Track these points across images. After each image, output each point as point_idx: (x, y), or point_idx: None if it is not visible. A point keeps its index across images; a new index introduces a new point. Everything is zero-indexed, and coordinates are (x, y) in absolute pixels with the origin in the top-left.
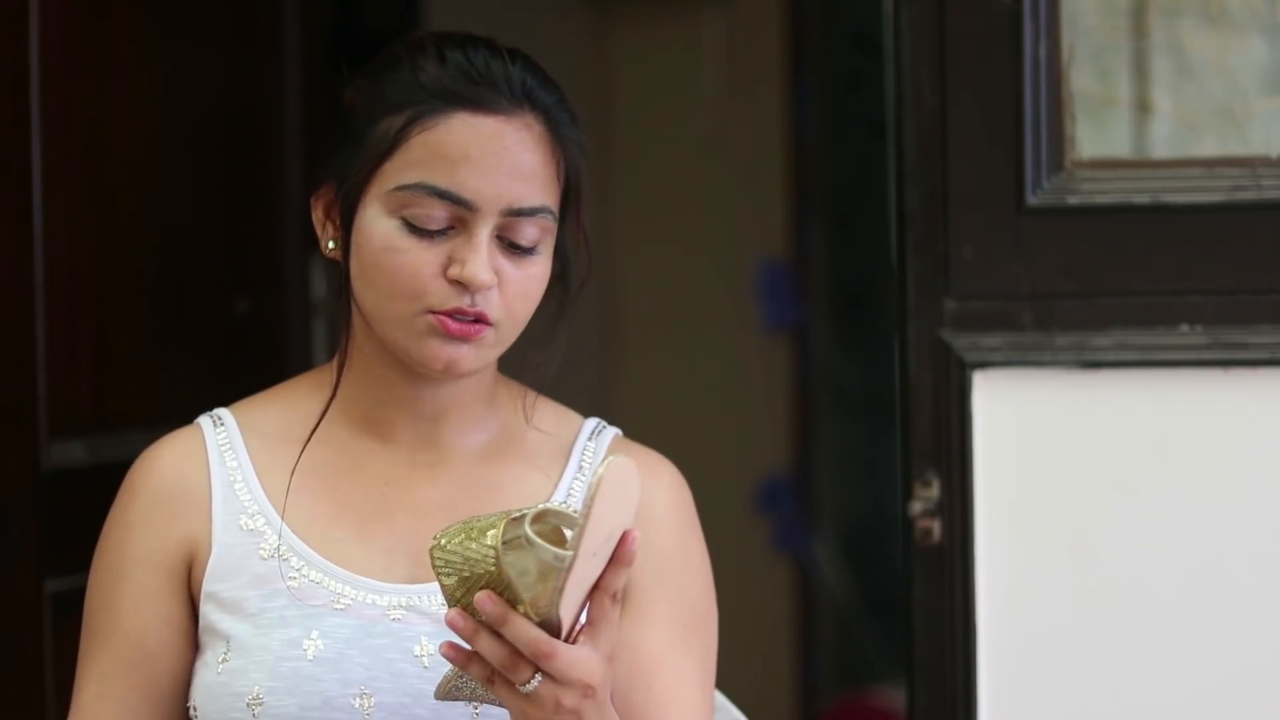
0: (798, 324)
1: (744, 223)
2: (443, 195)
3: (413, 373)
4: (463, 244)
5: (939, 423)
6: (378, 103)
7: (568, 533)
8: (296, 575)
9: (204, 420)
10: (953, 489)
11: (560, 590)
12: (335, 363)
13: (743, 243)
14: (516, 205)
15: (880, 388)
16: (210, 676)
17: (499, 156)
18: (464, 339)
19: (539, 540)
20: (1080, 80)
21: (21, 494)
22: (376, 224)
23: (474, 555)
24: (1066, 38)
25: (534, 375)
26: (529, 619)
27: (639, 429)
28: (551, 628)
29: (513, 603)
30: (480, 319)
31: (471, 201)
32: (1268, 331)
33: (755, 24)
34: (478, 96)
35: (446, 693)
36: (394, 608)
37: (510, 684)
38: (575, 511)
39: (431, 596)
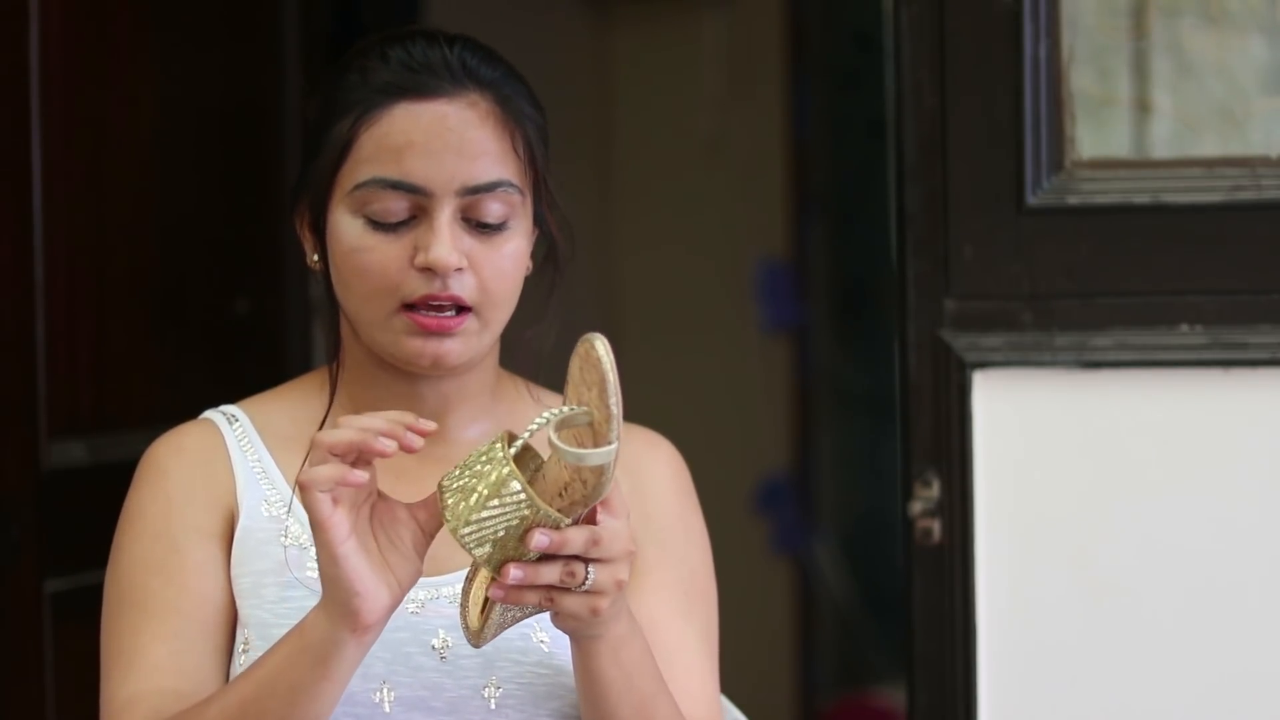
0: (798, 324)
1: (744, 223)
2: (395, 186)
3: (406, 372)
4: (425, 230)
5: (939, 423)
6: (329, 110)
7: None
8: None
9: (214, 415)
10: (953, 489)
11: (611, 476)
12: (330, 371)
13: (743, 243)
14: (471, 183)
15: (880, 388)
16: (232, 664)
17: (444, 138)
18: (443, 333)
19: (579, 449)
20: (1080, 80)
21: (21, 494)
22: (343, 226)
23: (504, 511)
24: (1066, 38)
25: (530, 351)
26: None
27: None
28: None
29: (554, 526)
30: (457, 304)
31: (424, 187)
32: (1268, 331)
33: (755, 24)
34: (417, 84)
35: (495, 632)
36: (411, 601)
37: (568, 591)
38: (540, 420)
39: (448, 589)
